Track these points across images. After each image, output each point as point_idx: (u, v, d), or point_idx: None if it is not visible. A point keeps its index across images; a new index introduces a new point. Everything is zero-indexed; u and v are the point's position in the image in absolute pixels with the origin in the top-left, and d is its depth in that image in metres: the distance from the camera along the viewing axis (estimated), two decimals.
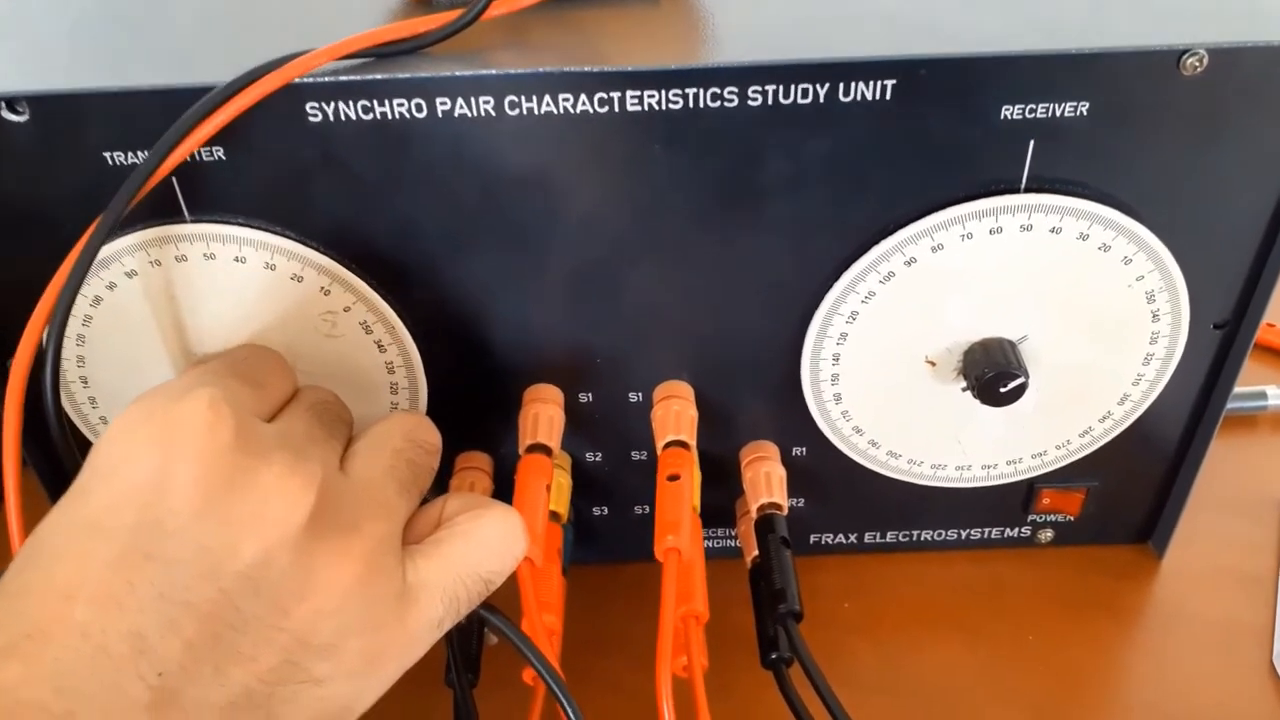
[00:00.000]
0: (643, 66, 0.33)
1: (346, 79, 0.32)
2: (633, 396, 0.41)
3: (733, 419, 0.42)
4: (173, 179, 0.34)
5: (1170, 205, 0.36)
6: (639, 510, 0.46)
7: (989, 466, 0.44)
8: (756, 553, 0.40)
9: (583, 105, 0.33)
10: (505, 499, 0.35)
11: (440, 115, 0.33)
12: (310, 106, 0.33)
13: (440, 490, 0.35)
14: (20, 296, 0.33)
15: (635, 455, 0.44)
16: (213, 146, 0.34)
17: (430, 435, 0.35)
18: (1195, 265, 0.37)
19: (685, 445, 0.39)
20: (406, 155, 0.34)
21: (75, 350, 0.38)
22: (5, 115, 0.33)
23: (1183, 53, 0.32)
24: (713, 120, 0.33)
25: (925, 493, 0.45)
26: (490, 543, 0.32)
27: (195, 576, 0.26)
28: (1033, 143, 0.34)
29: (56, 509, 0.28)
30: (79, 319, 0.37)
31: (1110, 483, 0.45)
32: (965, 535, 0.47)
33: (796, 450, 0.43)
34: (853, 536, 0.47)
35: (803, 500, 0.45)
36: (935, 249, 0.36)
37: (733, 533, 0.45)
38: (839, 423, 0.42)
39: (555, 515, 0.40)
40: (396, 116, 0.33)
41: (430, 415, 0.36)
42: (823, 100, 0.33)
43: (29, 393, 0.32)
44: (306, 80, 0.32)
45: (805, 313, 0.38)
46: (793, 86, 0.33)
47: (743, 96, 0.33)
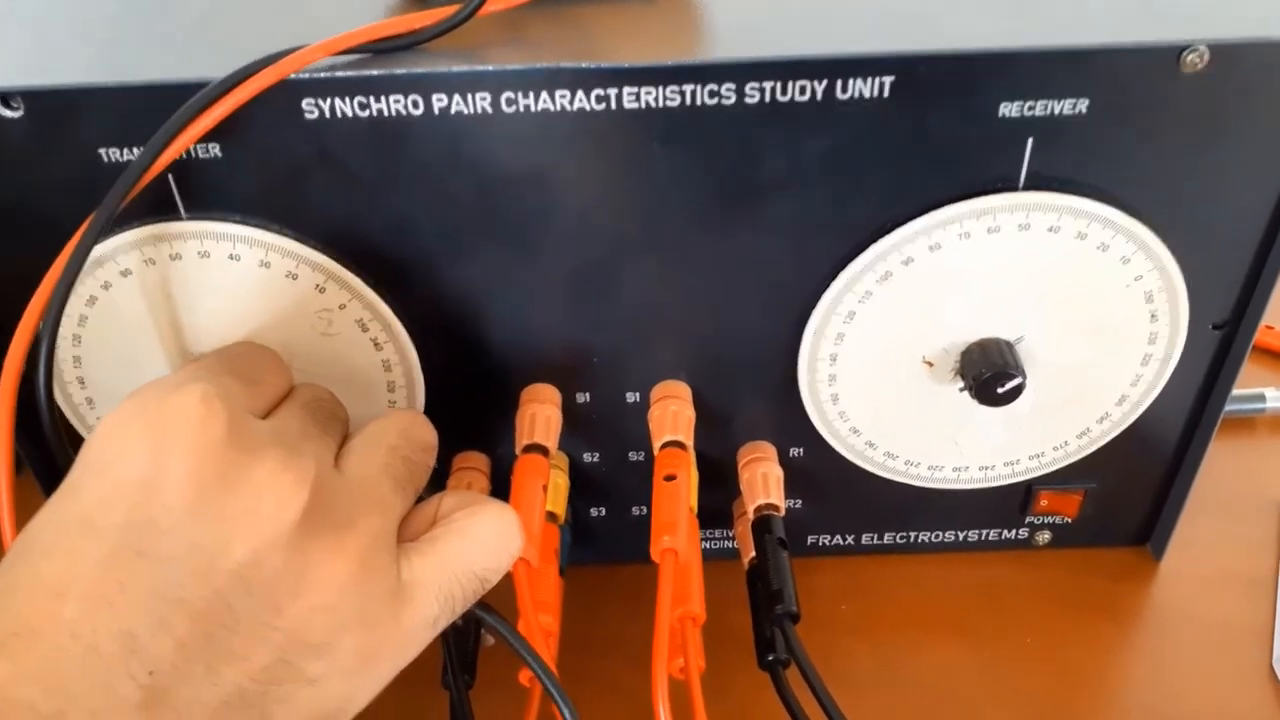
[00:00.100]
0: (640, 63, 0.32)
1: (342, 75, 0.32)
2: (630, 397, 0.41)
3: (730, 419, 0.42)
4: (169, 176, 0.34)
5: (1170, 204, 0.36)
6: (636, 511, 0.45)
7: (986, 468, 0.44)
8: (754, 554, 0.40)
9: (580, 102, 0.33)
10: (502, 499, 0.35)
11: (436, 112, 0.33)
12: (306, 103, 0.33)
13: (438, 490, 0.35)
14: (14, 295, 0.32)
15: (633, 456, 0.43)
16: (209, 143, 0.33)
17: (426, 433, 0.35)
18: (1194, 265, 0.37)
19: (682, 446, 0.39)
20: (403, 152, 0.34)
21: (71, 351, 0.38)
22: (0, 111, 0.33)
23: (1183, 49, 0.32)
24: (710, 117, 0.33)
25: (922, 494, 0.45)
26: (486, 540, 0.32)
27: (187, 574, 0.26)
28: (1031, 140, 0.34)
29: (47, 505, 0.28)
30: (74, 319, 0.37)
31: (1108, 484, 0.45)
32: (963, 537, 0.47)
33: (794, 451, 0.43)
34: (850, 538, 0.47)
35: (800, 501, 0.45)
36: (933, 248, 0.36)
37: (730, 534, 0.45)
38: (836, 423, 0.42)
39: (552, 516, 0.40)
40: (393, 113, 0.33)
41: (427, 414, 0.36)
42: (820, 97, 0.33)
43: (23, 392, 0.32)
44: (302, 76, 0.32)
45: (802, 312, 0.38)
46: (790, 83, 0.33)
47: (740, 93, 0.33)
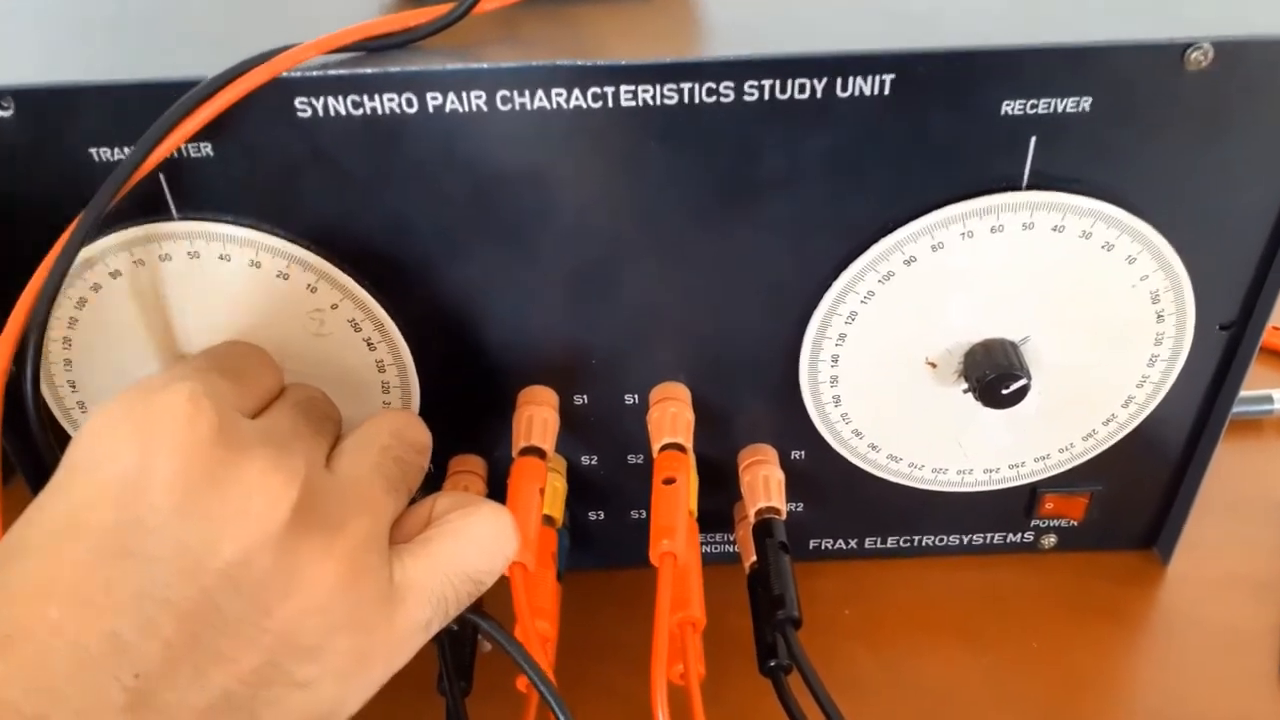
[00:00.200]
0: (637, 60, 0.32)
1: (336, 73, 0.32)
2: (628, 398, 0.41)
3: (730, 422, 0.42)
4: (160, 175, 0.34)
5: (1175, 203, 0.35)
6: (635, 515, 0.45)
7: (991, 470, 0.43)
8: (755, 558, 0.40)
9: (576, 100, 0.33)
10: (499, 503, 0.35)
11: (431, 110, 0.33)
12: (299, 101, 0.32)
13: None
14: (3, 295, 0.32)
15: (631, 459, 0.43)
16: (200, 142, 0.33)
17: (420, 433, 0.34)
18: (1201, 264, 0.37)
19: (681, 448, 0.39)
20: (397, 151, 0.34)
21: (62, 354, 0.38)
22: None
23: (1187, 46, 0.32)
24: (708, 116, 0.33)
25: (926, 497, 0.44)
26: (480, 541, 0.31)
27: (174, 574, 0.26)
28: (1034, 139, 0.34)
29: (33, 505, 0.27)
30: (64, 322, 0.37)
31: (1114, 487, 0.44)
32: (967, 540, 0.47)
33: (795, 453, 0.43)
34: (853, 542, 0.46)
35: (801, 505, 0.45)
36: (935, 248, 0.36)
37: (731, 537, 0.44)
38: (838, 425, 0.41)
39: (549, 519, 0.40)
40: (386, 111, 0.33)
41: (422, 417, 0.36)
42: (820, 95, 0.33)
43: (11, 394, 0.32)
44: (295, 74, 0.32)
45: (803, 313, 0.38)
46: (789, 81, 0.32)
47: (739, 91, 0.32)
